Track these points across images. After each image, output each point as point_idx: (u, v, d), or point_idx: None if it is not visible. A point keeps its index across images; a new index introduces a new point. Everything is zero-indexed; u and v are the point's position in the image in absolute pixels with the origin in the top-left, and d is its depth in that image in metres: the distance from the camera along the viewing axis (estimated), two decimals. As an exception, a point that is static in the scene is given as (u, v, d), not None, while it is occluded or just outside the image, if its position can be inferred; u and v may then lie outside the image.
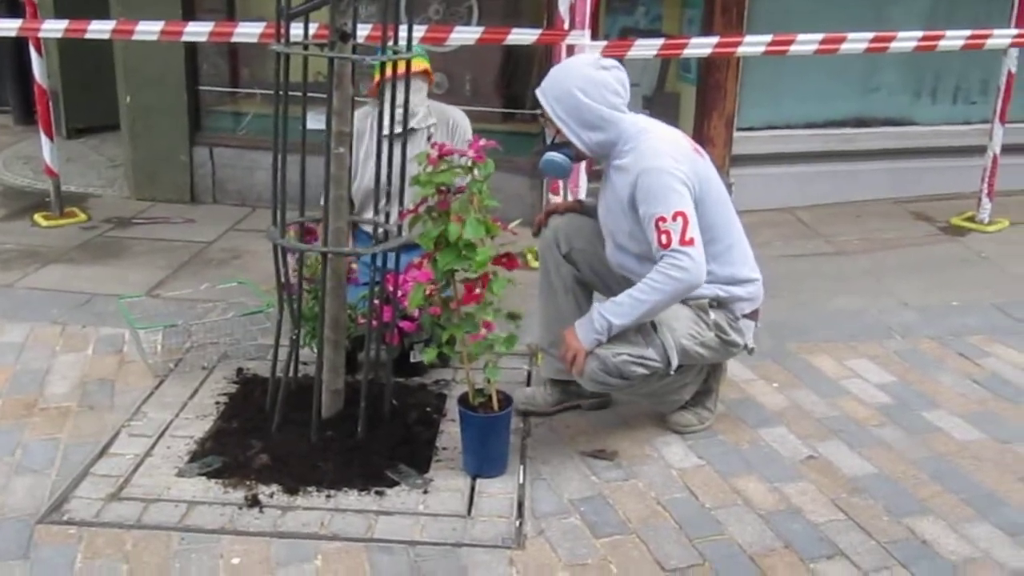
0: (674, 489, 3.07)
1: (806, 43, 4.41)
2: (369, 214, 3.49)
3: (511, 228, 2.93)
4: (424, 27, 3.91)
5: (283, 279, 3.23)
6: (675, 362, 3.10)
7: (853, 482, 3.12)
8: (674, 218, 2.98)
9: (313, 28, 3.19)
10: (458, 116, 4.10)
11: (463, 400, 3.10)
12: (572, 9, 4.00)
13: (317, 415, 3.24)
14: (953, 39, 4.74)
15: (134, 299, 4.07)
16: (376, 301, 3.23)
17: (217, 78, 5.84)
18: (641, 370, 3.07)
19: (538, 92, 3.15)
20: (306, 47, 3.12)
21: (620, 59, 3.76)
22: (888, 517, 2.93)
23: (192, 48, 5.54)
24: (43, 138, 5.40)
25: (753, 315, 3.31)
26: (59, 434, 3.34)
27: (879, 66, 5.73)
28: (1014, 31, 4.82)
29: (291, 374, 3.30)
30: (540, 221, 3.46)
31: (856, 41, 4.51)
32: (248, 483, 3.06)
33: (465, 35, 3.79)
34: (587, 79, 3.08)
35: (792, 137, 5.70)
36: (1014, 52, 5.08)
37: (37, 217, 5.53)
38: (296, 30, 3.16)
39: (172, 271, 4.81)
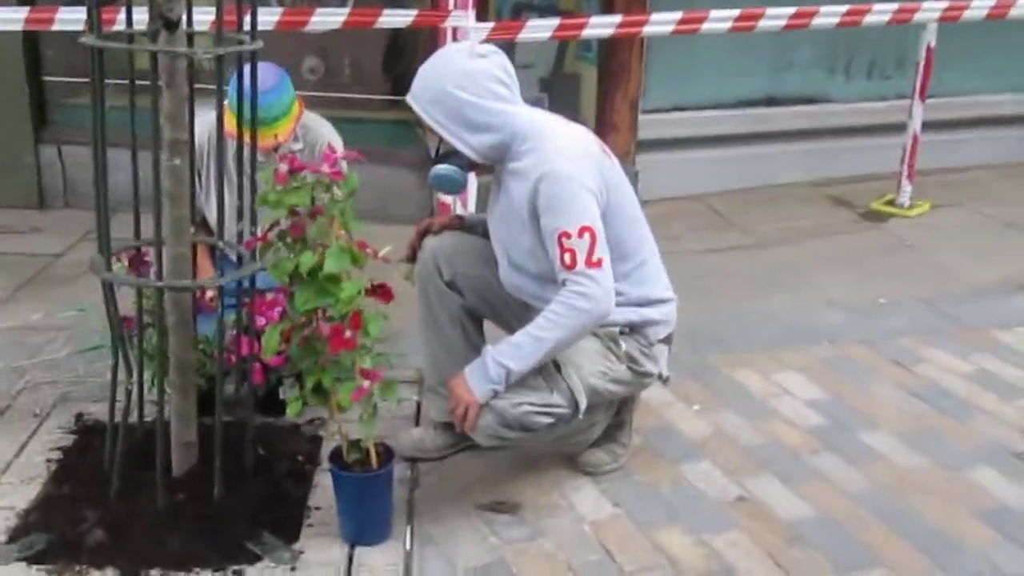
0: (588, 549, 2.62)
1: (719, 20, 4.00)
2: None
3: (382, 256, 2.42)
4: (279, 11, 3.36)
5: (114, 317, 2.69)
6: (583, 405, 2.64)
7: (791, 528, 2.71)
8: (580, 234, 2.51)
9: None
10: (331, 137, 3.45)
11: (335, 456, 2.60)
12: None
13: (163, 475, 2.71)
14: (879, 14, 4.40)
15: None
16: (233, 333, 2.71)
17: (65, 67, 5.08)
18: (546, 419, 2.61)
19: (408, 98, 2.65)
20: (130, 38, 2.56)
21: (511, 42, 3.29)
22: (833, 572, 2.54)
23: (33, 33, 4.85)
24: None
25: (667, 339, 2.88)
26: None
27: (792, 42, 5.36)
28: (943, 3, 4.46)
29: (135, 423, 2.77)
30: (413, 243, 2.95)
31: (774, 17, 4.12)
32: (77, 569, 2.52)
33: (328, 19, 3.25)
34: (462, 72, 2.58)
35: (701, 119, 5.30)
36: (934, 26, 4.75)
37: None
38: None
39: (10, 292, 4.17)
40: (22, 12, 3.79)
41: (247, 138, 2.60)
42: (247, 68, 2.92)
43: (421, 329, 2.99)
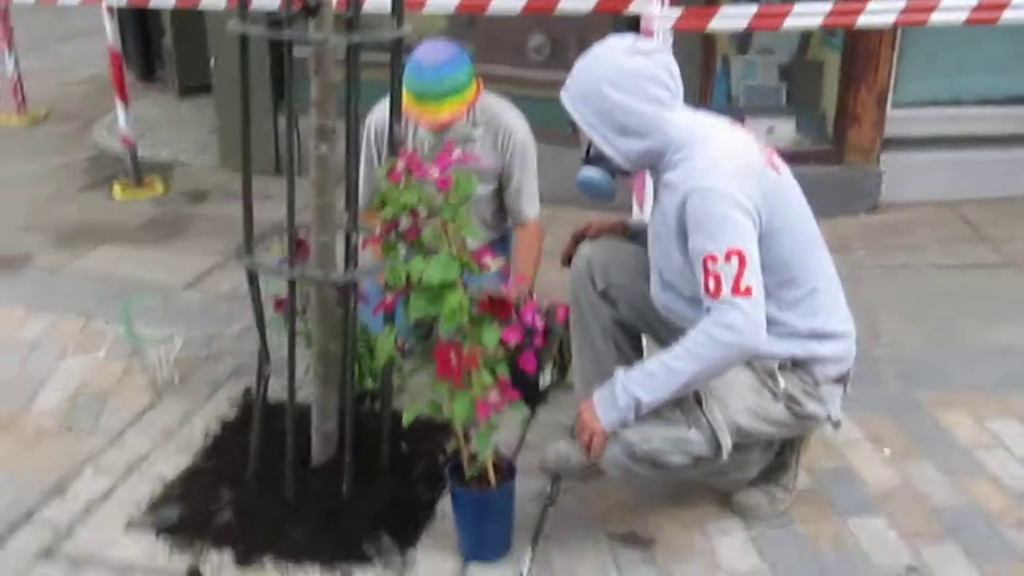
0: (714, 605, 2.35)
1: (954, 10, 3.43)
2: None
3: (491, 265, 2.22)
4: None
5: (257, 304, 2.68)
6: (727, 445, 2.34)
7: (964, 616, 2.31)
8: (727, 258, 2.22)
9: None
10: (514, 124, 3.28)
11: (454, 470, 2.47)
12: None
13: (292, 466, 2.69)
14: None
15: (146, 300, 3.63)
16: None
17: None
18: (680, 458, 2.33)
19: (562, 92, 2.44)
20: (281, 22, 2.50)
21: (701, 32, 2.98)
22: None
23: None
24: (118, 104, 5.07)
25: (841, 379, 2.51)
26: (21, 464, 2.93)
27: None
28: None
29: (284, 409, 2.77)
30: (568, 249, 2.74)
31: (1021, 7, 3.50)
32: (199, 546, 2.57)
33: (508, 5, 3.06)
34: (618, 70, 2.34)
35: (961, 116, 4.68)
36: None
37: (116, 187, 5.23)
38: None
39: (227, 258, 4.34)
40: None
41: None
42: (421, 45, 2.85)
43: (573, 341, 2.80)
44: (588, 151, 2.48)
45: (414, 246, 2.22)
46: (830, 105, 4.61)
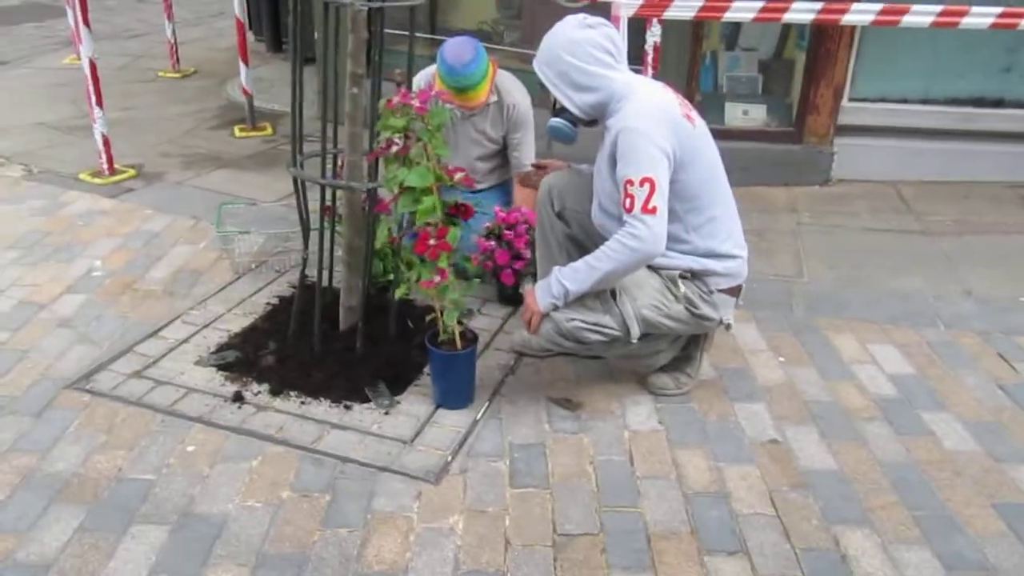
0: (614, 451, 2.54)
1: (922, 14, 3.42)
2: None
3: (460, 178, 2.43)
4: None
5: (301, 206, 2.91)
6: (635, 331, 2.52)
7: (803, 475, 2.46)
8: (641, 183, 2.38)
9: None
10: (519, 98, 3.43)
11: (433, 336, 2.69)
12: None
13: (319, 327, 2.93)
14: None
15: (238, 206, 3.89)
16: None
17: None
18: (596, 336, 2.52)
19: (534, 62, 2.59)
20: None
21: (713, 20, 3.08)
22: (818, 521, 2.28)
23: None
24: (240, 65, 5.33)
25: (733, 291, 2.65)
26: (132, 313, 3.24)
27: (1014, 45, 4.52)
28: None
29: (326, 287, 3.00)
30: (524, 177, 2.91)
31: (980, 15, 3.47)
32: (245, 380, 2.84)
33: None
34: (571, 40, 2.49)
35: (906, 112, 4.62)
36: None
37: (235, 129, 5.51)
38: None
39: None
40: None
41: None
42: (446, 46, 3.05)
43: (537, 246, 2.97)
44: (554, 105, 2.64)
45: (404, 161, 2.43)
46: (796, 96, 4.63)
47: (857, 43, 4.47)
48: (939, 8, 3.40)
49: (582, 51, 2.49)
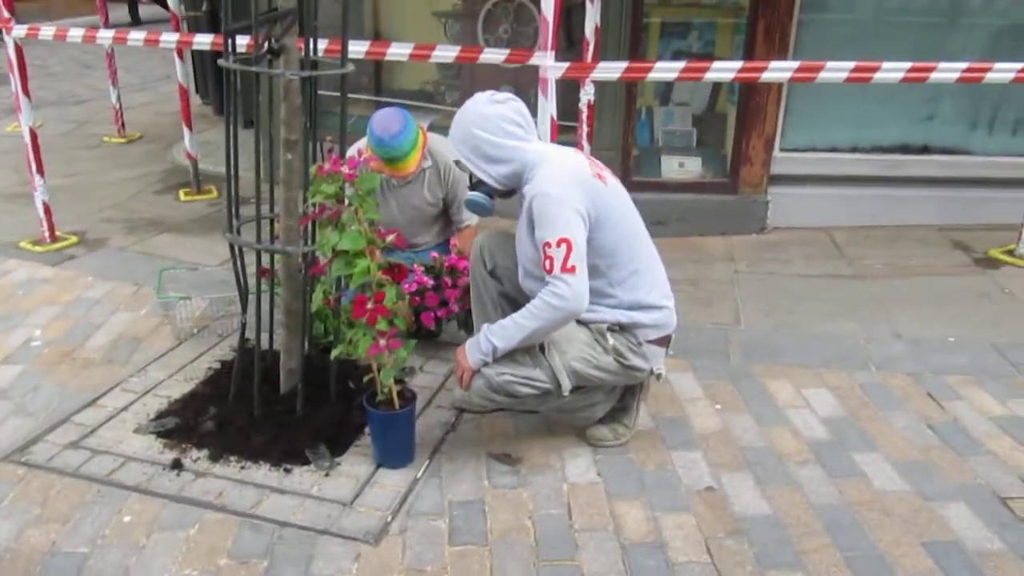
0: (553, 504, 2.57)
1: (836, 71, 3.58)
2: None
3: (391, 240, 2.49)
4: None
5: (238, 272, 2.94)
6: (566, 384, 2.58)
7: (738, 522, 2.51)
8: (558, 244, 2.45)
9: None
10: (453, 160, 3.53)
11: (370, 397, 2.71)
12: (596, 32, 3.48)
13: (259, 391, 2.94)
14: (1002, 72, 3.75)
15: (179, 271, 3.90)
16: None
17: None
18: (528, 390, 2.58)
19: (449, 138, 2.69)
20: (253, 60, 2.77)
21: (638, 80, 3.15)
22: (752, 567, 2.33)
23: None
24: (184, 130, 5.38)
25: (661, 341, 2.72)
26: (71, 383, 3.22)
27: (934, 95, 4.75)
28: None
29: (266, 351, 3.02)
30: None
31: (891, 70, 3.63)
32: (184, 446, 2.83)
33: (446, 53, 3.32)
34: (481, 115, 2.59)
35: (835, 160, 4.81)
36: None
37: (180, 192, 5.53)
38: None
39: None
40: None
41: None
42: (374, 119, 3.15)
43: (472, 304, 3.03)
44: (471, 180, 2.72)
45: (336, 225, 2.48)
46: (729, 148, 4.79)
47: (785, 96, 4.66)
48: (852, 64, 3.57)
49: (493, 125, 2.58)
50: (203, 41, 4.02)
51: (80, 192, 5.50)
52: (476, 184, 2.69)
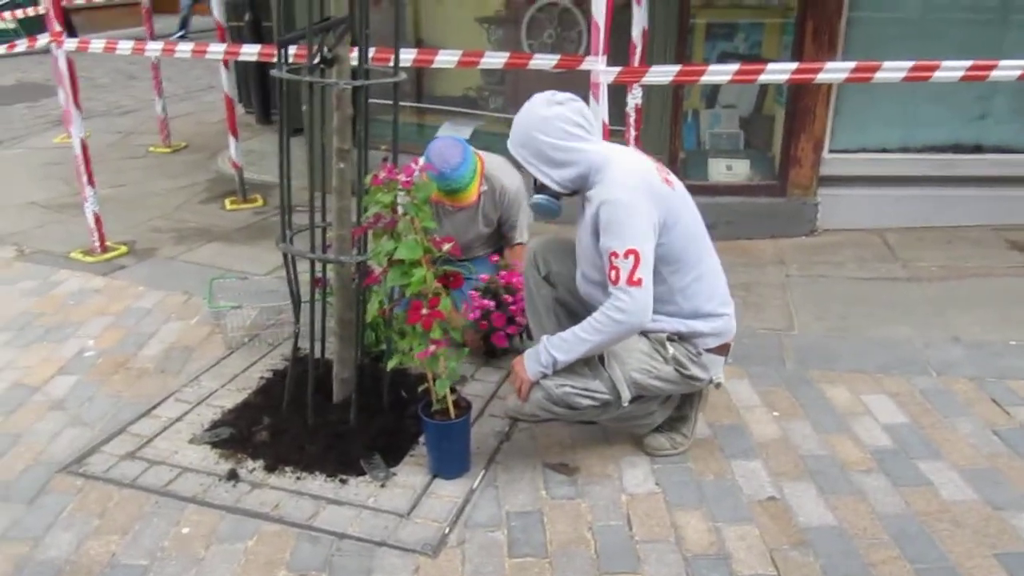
0: (612, 515, 2.53)
1: (893, 70, 3.47)
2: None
3: (448, 248, 2.46)
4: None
5: (292, 280, 2.94)
6: (625, 395, 2.53)
7: (803, 533, 2.44)
8: (626, 255, 2.40)
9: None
10: (507, 182, 3.46)
11: (426, 406, 2.69)
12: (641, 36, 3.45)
13: (313, 400, 2.93)
14: None
15: (229, 280, 3.91)
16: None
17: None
18: (587, 401, 2.53)
19: (508, 144, 2.62)
20: (311, 71, 2.77)
21: (690, 84, 3.10)
22: (819, 580, 2.26)
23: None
24: (230, 138, 5.41)
25: (721, 349, 2.66)
26: (125, 393, 3.24)
27: (985, 93, 4.63)
28: None
29: (319, 359, 3.01)
30: None
31: (951, 69, 3.52)
32: (239, 456, 2.82)
33: (494, 60, 3.28)
34: (541, 119, 2.52)
35: (885, 160, 4.71)
36: None
37: (226, 201, 5.57)
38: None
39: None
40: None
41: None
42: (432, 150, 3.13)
43: (527, 310, 2.99)
44: (536, 182, 2.66)
45: (391, 234, 2.46)
46: (778, 150, 4.71)
47: (834, 97, 4.57)
48: (910, 64, 3.47)
49: (554, 128, 2.52)
50: (250, 52, 4.02)
51: (128, 202, 5.56)
52: (540, 187, 2.63)
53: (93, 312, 3.94)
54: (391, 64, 2.86)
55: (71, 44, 4.28)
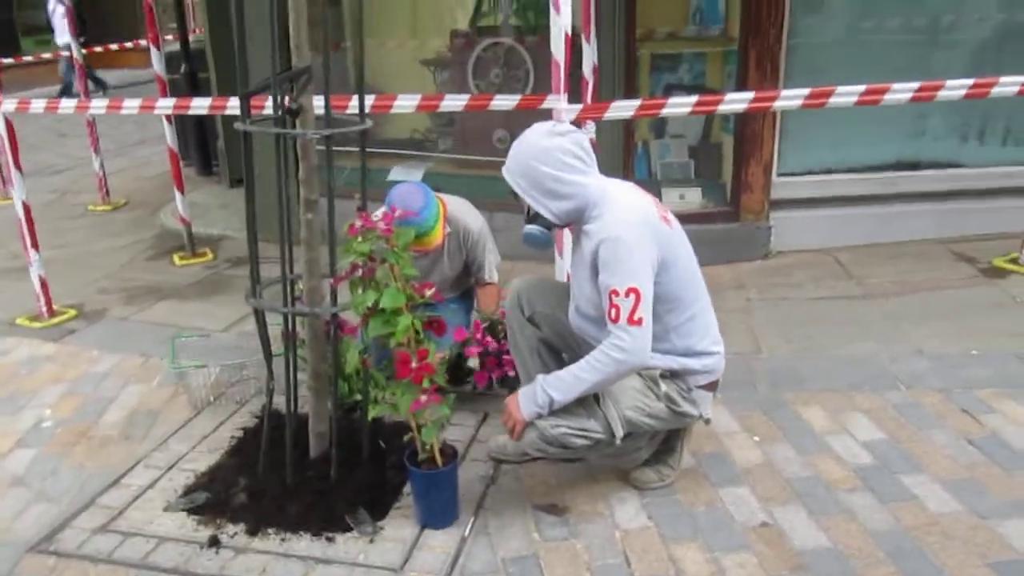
0: (609, 554, 2.50)
1: (846, 95, 3.54)
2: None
3: (431, 294, 2.43)
4: (417, 95, 3.44)
5: (263, 336, 2.86)
6: (619, 433, 2.52)
7: (799, 556, 2.45)
8: (627, 294, 2.39)
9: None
10: (471, 223, 3.47)
11: (411, 455, 2.64)
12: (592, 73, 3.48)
13: (291, 458, 2.85)
14: (1007, 85, 3.75)
15: (190, 339, 3.81)
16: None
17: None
18: (582, 441, 2.52)
19: (503, 171, 2.58)
20: (278, 123, 2.73)
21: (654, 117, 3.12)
22: (823, 603, 2.26)
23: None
24: (175, 192, 5.30)
25: (710, 386, 2.68)
26: (89, 463, 3.11)
27: (924, 111, 4.80)
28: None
29: (292, 415, 2.92)
30: None
31: (900, 91, 3.60)
32: (218, 521, 2.72)
33: (455, 103, 3.29)
34: (541, 149, 2.50)
35: (833, 182, 4.84)
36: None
37: (175, 257, 5.44)
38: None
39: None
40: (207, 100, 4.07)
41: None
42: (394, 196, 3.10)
43: (511, 353, 2.96)
44: (528, 212, 2.64)
45: (369, 284, 2.42)
46: (728, 176, 4.80)
47: (780, 122, 4.69)
48: (862, 88, 3.57)
49: (553, 159, 2.50)
50: (201, 105, 3.95)
51: (72, 263, 5.38)
52: (533, 217, 2.61)
53: (47, 380, 3.78)
54: (348, 112, 2.84)
55: (9, 105, 4.15)
